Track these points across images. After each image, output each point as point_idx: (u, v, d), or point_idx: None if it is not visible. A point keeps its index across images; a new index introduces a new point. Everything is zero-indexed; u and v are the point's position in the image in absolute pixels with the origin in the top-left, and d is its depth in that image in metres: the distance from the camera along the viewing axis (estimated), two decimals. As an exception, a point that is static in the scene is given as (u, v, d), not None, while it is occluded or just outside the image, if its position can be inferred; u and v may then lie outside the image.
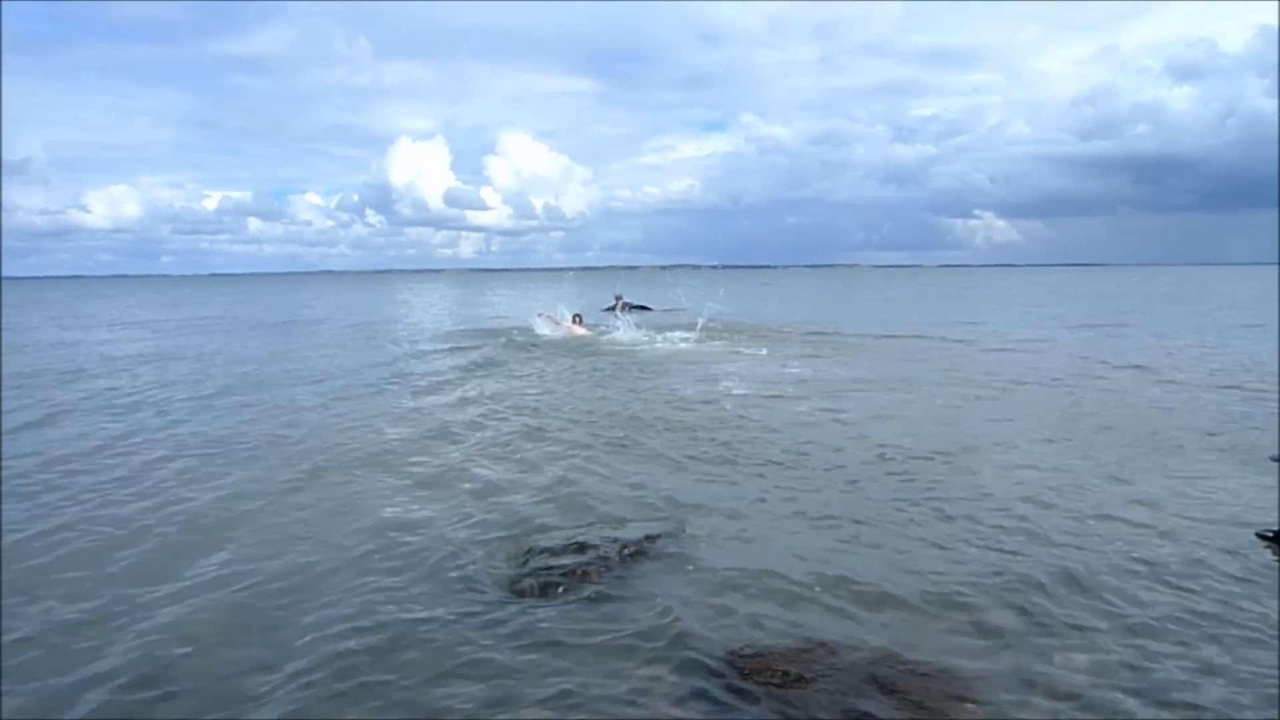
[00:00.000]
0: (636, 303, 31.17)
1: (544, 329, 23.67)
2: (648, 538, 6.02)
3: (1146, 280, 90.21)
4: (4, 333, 26.34)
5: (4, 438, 9.67)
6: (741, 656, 4.27)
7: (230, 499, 7.27)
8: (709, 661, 4.24)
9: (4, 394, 13.09)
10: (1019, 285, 77.98)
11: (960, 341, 21.24)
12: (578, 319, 24.28)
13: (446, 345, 21.73)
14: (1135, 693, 3.99)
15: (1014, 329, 25.28)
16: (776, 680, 4.03)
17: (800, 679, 4.03)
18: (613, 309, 27.24)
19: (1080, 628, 4.65)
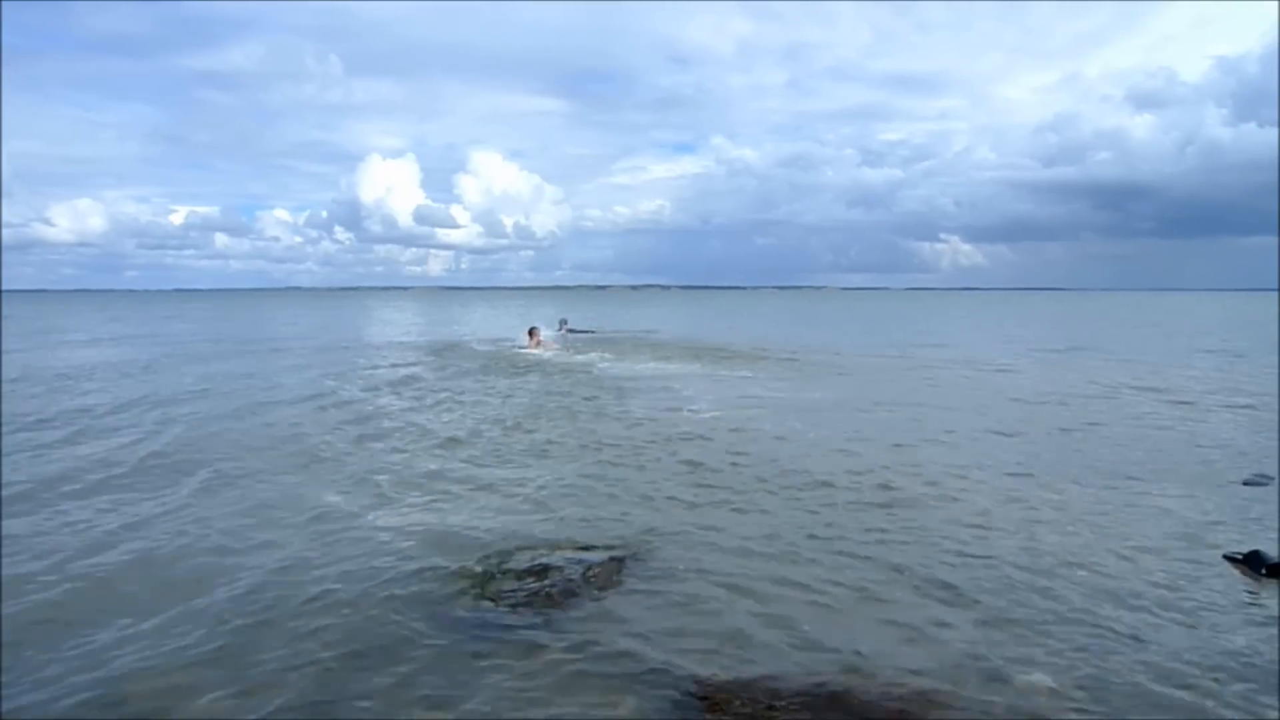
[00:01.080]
0: (583, 327, 33.18)
1: (522, 346, 24.76)
2: (612, 560, 5.88)
3: (1109, 305, 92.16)
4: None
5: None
6: (707, 684, 4.13)
7: (200, 521, 7.03)
8: (674, 690, 4.10)
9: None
10: (985, 308, 79.26)
11: (929, 363, 21.43)
12: (534, 334, 25.80)
13: (416, 362, 21.46)
14: (1099, 713, 3.94)
15: (982, 351, 25.54)
16: (744, 709, 3.89)
17: (769, 708, 3.89)
18: (559, 331, 29.45)
19: (1046, 651, 4.58)
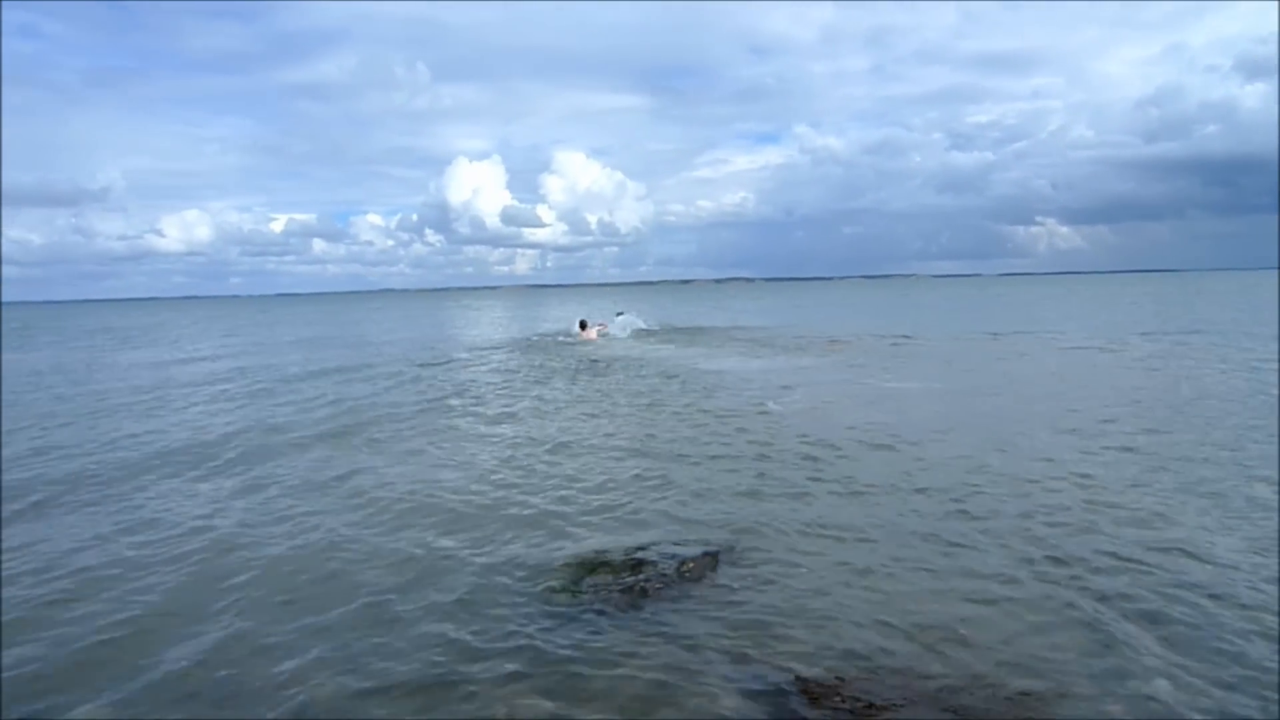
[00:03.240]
0: (638, 322, 33.34)
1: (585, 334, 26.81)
2: (706, 555, 5.88)
3: (1223, 285, 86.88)
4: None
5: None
6: (808, 682, 4.10)
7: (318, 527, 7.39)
8: (774, 687, 4.09)
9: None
10: (1087, 292, 75.70)
11: (1029, 350, 20.61)
12: (585, 326, 27.68)
13: (510, 359, 21.91)
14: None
15: (1086, 337, 24.36)
16: (846, 708, 3.85)
17: (870, 707, 3.84)
18: (615, 319, 31.05)
19: (1155, 653, 4.36)
